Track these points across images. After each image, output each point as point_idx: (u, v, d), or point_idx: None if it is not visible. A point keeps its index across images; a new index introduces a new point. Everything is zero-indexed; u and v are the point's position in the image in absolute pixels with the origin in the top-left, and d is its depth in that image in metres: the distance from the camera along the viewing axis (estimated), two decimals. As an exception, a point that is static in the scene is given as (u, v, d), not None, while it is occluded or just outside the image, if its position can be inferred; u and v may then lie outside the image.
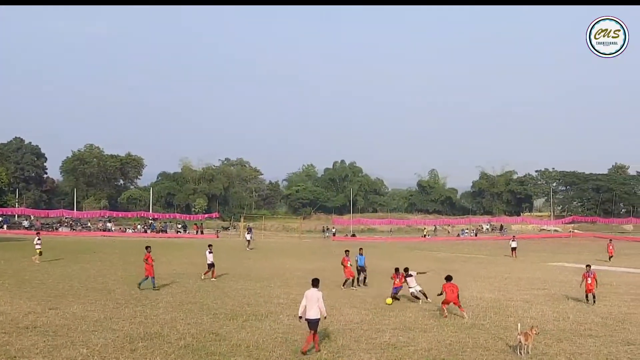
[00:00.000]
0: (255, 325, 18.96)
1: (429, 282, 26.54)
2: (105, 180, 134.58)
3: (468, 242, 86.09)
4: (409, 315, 21.39)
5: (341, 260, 30.53)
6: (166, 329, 17.92)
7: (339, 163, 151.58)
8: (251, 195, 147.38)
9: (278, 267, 39.21)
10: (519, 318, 20.15)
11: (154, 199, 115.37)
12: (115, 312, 20.62)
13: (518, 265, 44.38)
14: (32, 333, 16.81)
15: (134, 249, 53.62)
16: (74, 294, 24.66)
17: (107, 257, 44.32)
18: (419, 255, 54.45)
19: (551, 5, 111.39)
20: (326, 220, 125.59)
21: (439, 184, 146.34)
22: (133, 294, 25.07)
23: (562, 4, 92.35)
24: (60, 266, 36.14)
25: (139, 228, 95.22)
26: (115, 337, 16.75)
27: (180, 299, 23.88)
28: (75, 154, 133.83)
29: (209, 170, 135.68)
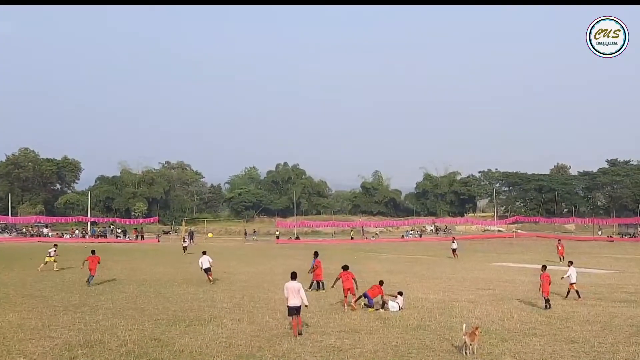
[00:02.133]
0: (198, 330, 18.83)
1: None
2: (41, 185, 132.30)
3: (412, 243, 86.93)
4: (354, 318, 21.47)
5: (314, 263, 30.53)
6: (106, 335, 17.69)
7: (282, 165, 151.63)
8: (192, 199, 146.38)
9: (221, 271, 38.96)
10: (464, 318, 20.38)
11: (93, 204, 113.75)
12: (53, 319, 20.29)
13: (462, 266, 44.91)
14: (-35, 343, 16.47)
15: (71, 255, 52.83)
16: (9, 301, 24.23)
17: (43, 264, 43.57)
18: (363, 256, 54.75)
19: (551, 5, 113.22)
20: (270, 223, 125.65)
21: (382, 185, 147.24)
22: (71, 300, 24.71)
23: (562, 4, 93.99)
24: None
25: (77, 233, 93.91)
26: (54, 345, 16.48)
27: (120, 305, 23.61)
28: (10, 158, 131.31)
29: (149, 173, 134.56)
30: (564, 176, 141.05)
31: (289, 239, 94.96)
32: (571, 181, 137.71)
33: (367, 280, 28.42)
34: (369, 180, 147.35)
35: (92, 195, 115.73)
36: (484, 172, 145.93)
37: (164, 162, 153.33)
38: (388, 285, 26.26)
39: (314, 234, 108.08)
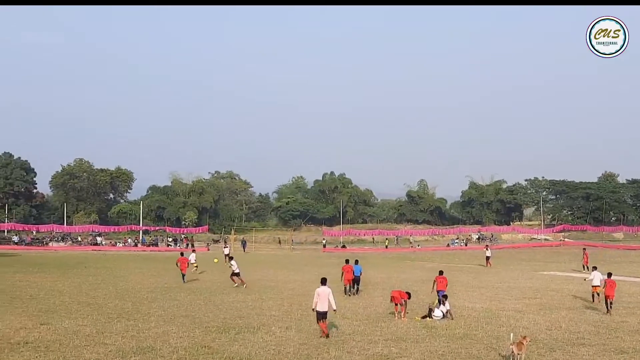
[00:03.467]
0: (247, 338, 18.88)
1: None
2: (95, 195, 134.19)
3: (458, 252, 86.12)
4: (401, 326, 21.35)
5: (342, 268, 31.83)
6: (159, 342, 17.84)
7: (329, 174, 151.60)
8: (241, 208, 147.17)
9: (269, 279, 39.12)
10: (511, 328, 20.15)
11: (144, 213, 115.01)
12: (107, 326, 20.51)
13: (509, 275, 44.34)
14: (24, 349, 16.71)
15: (124, 263, 53.56)
16: (65, 308, 24.54)
17: (98, 272, 44.15)
18: (409, 265, 54.47)
19: (551, 5, 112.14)
20: (316, 231, 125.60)
21: (428, 194, 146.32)
22: (125, 308, 24.97)
23: (563, 4, 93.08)
24: (51, 281, 35.96)
25: (129, 242, 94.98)
26: (108, 351, 16.65)
27: (172, 313, 23.79)
28: (65, 169, 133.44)
29: (199, 183, 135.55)
30: (612, 184, 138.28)
31: (335, 247, 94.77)
32: (620, 189, 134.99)
33: (412, 289, 28.24)
34: (414, 189, 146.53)
35: (144, 205, 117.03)
36: (531, 180, 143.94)
37: (214, 172, 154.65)
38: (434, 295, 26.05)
39: (359, 243, 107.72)
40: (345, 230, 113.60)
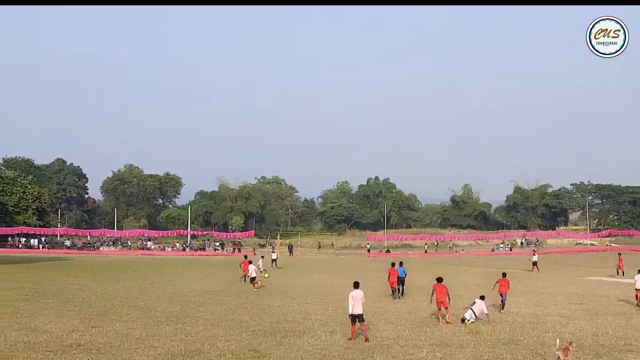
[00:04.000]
0: (293, 341, 18.93)
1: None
2: (145, 200, 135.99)
3: (503, 256, 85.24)
4: (446, 331, 21.20)
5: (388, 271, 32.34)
6: (206, 346, 17.96)
7: (373, 179, 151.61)
8: (287, 213, 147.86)
9: (314, 284, 39.19)
10: (557, 333, 19.90)
11: (192, 217, 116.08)
12: (156, 329, 20.72)
13: (554, 280, 43.77)
14: (76, 351, 16.94)
15: (172, 267, 54.03)
16: (115, 312, 24.83)
17: (147, 276, 44.64)
18: (453, 270, 54.04)
19: (551, 5, 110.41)
20: (361, 236, 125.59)
21: (472, 198, 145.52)
22: (173, 311, 25.18)
23: (563, 4, 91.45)
24: (102, 285, 36.41)
25: (178, 246, 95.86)
26: (157, 354, 16.82)
27: (219, 316, 23.93)
28: (116, 174, 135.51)
29: (246, 188, 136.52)
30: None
31: (380, 252, 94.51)
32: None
33: (457, 294, 28.09)
34: (458, 194, 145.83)
35: (192, 210, 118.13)
36: (576, 184, 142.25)
37: (260, 177, 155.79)
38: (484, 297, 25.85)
39: (404, 247, 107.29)
40: (389, 235, 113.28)
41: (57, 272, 45.79)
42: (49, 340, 18.29)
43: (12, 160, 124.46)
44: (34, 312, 24.26)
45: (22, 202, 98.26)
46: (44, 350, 16.82)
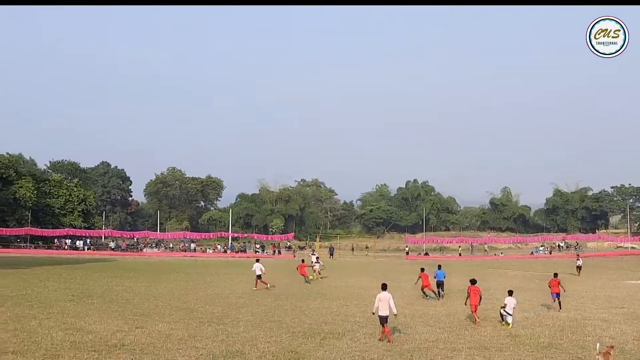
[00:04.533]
0: (332, 343, 18.93)
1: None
2: (187, 202, 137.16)
3: (542, 260, 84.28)
4: (484, 335, 21.03)
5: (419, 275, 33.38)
6: (247, 347, 18.04)
7: (412, 182, 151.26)
8: (326, 215, 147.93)
9: (354, 286, 39.13)
10: (598, 337, 19.65)
11: (233, 220, 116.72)
12: (198, 330, 20.85)
13: (594, 284, 43.15)
14: (120, 351, 17.12)
15: (214, 269, 54.36)
16: (158, 312, 25.04)
17: (189, 277, 44.96)
18: (492, 273, 53.62)
19: (551, 5, 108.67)
20: (399, 238, 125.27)
21: (511, 201, 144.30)
22: (215, 313, 25.33)
23: (562, 4, 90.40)
24: (145, 286, 36.75)
25: (219, 248, 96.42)
26: (199, 355, 16.93)
27: (259, 318, 24.01)
28: (159, 177, 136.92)
29: (286, 191, 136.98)
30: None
31: (418, 254, 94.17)
32: None
33: (496, 297, 27.87)
34: (497, 197, 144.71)
35: (233, 212, 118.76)
36: (617, 187, 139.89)
37: (300, 180, 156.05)
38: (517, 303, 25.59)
39: (442, 250, 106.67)
40: (428, 238, 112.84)
41: (102, 273, 46.32)
42: (94, 340, 18.51)
43: (58, 163, 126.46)
44: (80, 312, 24.58)
45: (68, 204, 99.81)
46: (89, 350, 17.03)
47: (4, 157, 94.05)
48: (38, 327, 20.61)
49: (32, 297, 29.45)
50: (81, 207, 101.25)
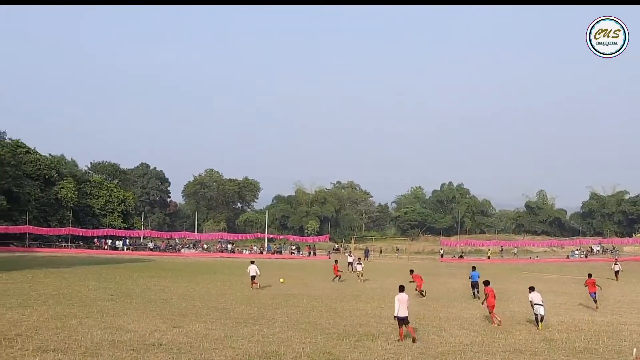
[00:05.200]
0: (367, 345, 18.89)
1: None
2: (224, 204, 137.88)
3: (578, 264, 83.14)
4: (519, 338, 20.83)
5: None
6: (282, 347, 18.07)
7: (447, 185, 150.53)
8: (361, 217, 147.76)
9: (388, 288, 38.97)
10: (634, 342, 19.34)
11: (269, 221, 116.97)
12: (234, 330, 20.94)
13: (631, 288, 42.52)
14: (157, 350, 17.24)
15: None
16: (195, 312, 25.19)
17: (226, 278, 45.15)
18: (528, 277, 53.04)
19: (552, 5, 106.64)
20: (434, 241, 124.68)
21: (547, 204, 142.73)
22: (250, 313, 25.41)
23: (562, 4, 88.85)
24: (183, 286, 36.97)
25: (255, 249, 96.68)
26: (235, 355, 16.99)
27: (295, 319, 24.05)
28: (197, 179, 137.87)
29: (321, 193, 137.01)
30: None
31: (453, 257, 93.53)
32: None
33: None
34: (533, 200, 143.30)
35: (269, 214, 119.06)
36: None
37: (335, 182, 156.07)
38: (553, 306, 25.39)
39: (477, 253, 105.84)
40: (462, 241, 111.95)
41: (140, 273, 46.71)
42: (133, 339, 18.67)
43: (99, 164, 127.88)
44: (119, 311, 24.82)
45: (108, 205, 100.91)
46: (127, 349, 17.18)
47: (46, 158, 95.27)
48: (78, 326, 20.86)
49: (72, 296, 29.82)
50: (121, 207, 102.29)
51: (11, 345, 17.29)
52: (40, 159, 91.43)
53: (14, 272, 43.61)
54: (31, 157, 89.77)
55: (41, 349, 16.81)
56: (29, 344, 17.55)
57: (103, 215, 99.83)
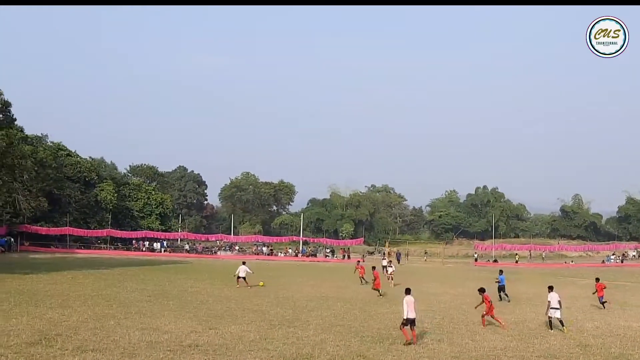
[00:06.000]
0: (401, 349, 18.80)
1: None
2: (260, 206, 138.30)
3: (614, 268, 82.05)
4: (554, 343, 20.60)
5: None
6: (317, 350, 18.07)
7: (481, 189, 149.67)
8: (395, 221, 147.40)
9: (422, 292, 38.77)
10: (670, 349, 19.05)
11: (304, 224, 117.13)
12: (269, 332, 20.98)
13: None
14: (194, 351, 17.33)
15: (285, 272, 54.62)
16: (231, 314, 25.29)
17: (261, 280, 45.24)
18: (562, 282, 52.48)
19: (552, 5, 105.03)
20: (468, 245, 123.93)
21: (583, 209, 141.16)
22: (285, 315, 25.46)
23: (563, 4, 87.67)
24: (219, 288, 37.14)
25: (290, 252, 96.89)
26: (270, 357, 17.02)
27: (329, 322, 24.02)
28: (233, 182, 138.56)
29: (356, 196, 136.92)
30: None
31: (487, 261, 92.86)
32: None
33: (566, 306, 27.25)
34: (568, 204, 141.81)
35: (304, 217, 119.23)
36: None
37: (370, 186, 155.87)
38: (588, 312, 25.06)
39: (511, 257, 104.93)
40: (497, 245, 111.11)
41: (177, 275, 47.03)
42: (169, 340, 18.80)
43: (138, 167, 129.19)
44: (156, 312, 25.01)
45: (147, 207, 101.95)
46: (164, 350, 17.30)
47: (87, 161, 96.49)
48: (116, 326, 21.06)
49: (111, 297, 30.12)
50: (159, 210, 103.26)
51: (51, 344, 17.53)
52: (80, 162, 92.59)
53: (54, 273, 44.19)
54: (72, 160, 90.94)
55: (80, 349, 17.00)
56: (69, 343, 17.77)
57: (141, 217, 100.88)
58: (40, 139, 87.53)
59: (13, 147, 45.07)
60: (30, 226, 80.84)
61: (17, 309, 24.57)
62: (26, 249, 77.41)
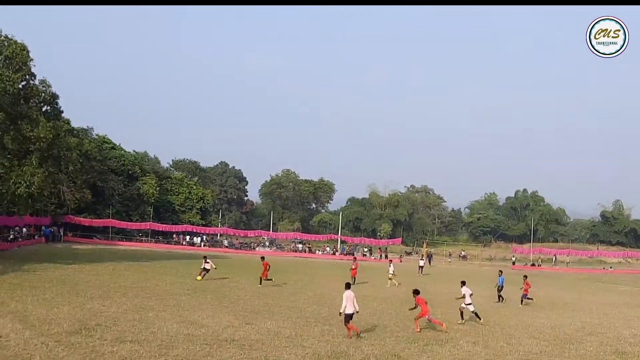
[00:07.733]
0: (435, 349, 18.76)
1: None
2: (299, 204, 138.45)
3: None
4: (589, 349, 20.37)
5: None
6: (352, 348, 18.09)
7: (521, 192, 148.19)
8: (434, 222, 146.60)
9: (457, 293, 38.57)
10: None
11: (343, 223, 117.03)
12: (305, 329, 21.07)
13: None
14: (230, 346, 17.48)
15: (323, 270, 54.69)
16: (268, 310, 25.43)
17: (298, 277, 45.40)
18: (601, 287, 51.80)
19: (552, 5, 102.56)
20: (506, 248, 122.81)
21: (623, 215, 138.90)
22: (321, 313, 25.54)
23: (563, 4, 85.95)
24: (256, 284, 37.29)
25: (328, 250, 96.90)
26: (305, 353, 17.10)
27: (364, 320, 23.98)
28: (274, 179, 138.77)
29: (395, 196, 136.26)
30: None
31: (525, 265, 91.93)
32: None
33: (604, 312, 26.92)
34: (609, 210, 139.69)
35: (343, 215, 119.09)
36: None
37: (409, 186, 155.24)
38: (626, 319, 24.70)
39: (549, 262, 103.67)
40: (535, 249, 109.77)
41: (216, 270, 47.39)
42: (207, 334, 18.98)
43: (180, 162, 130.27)
44: (194, 306, 25.27)
45: (188, 201, 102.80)
46: (201, 343, 17.47)
47: (130, 154, 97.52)
48: (155, 319, 21.33)
49: (150, 290, 30.50)
50: (199, 204, 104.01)
51: (91, 334, 17.81)
52: (124, 155, 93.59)
53: (96, 264, 44.84)
54: (116, 153, 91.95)
55: (119, 340, 17.26)
56: (108, 334, 18.06)
57: (182, 211, 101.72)
58: (85, 131, 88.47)
59: (60, 139, 45.61)
60: (74, 217, 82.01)
61: (59, 298, 25.01)
62: (69, 240, 78.68)
